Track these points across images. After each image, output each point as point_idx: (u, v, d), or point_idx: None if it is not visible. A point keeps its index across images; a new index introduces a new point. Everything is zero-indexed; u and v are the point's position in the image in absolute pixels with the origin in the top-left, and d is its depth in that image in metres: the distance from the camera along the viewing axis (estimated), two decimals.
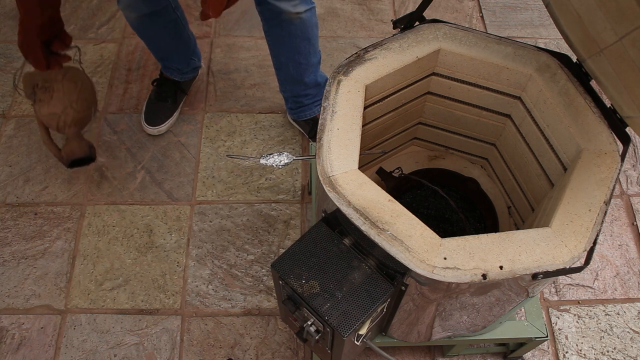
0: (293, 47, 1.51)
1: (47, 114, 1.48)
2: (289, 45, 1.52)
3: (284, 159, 1.23)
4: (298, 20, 1.44)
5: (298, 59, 1.56)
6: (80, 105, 1.51)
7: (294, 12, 1.41)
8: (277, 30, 1.48)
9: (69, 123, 1.50)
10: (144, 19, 1.55)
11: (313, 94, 1.69)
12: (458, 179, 1.40)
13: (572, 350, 1.46)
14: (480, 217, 1.38)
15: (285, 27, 1.46)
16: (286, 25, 1.45)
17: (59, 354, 1.44)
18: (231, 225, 1.65)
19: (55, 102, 1.48)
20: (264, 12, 1.45)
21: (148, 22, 1.57)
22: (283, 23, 1.44)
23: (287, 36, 1.49)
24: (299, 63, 1.57)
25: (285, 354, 1.45)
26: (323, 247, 1.01)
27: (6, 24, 2.10)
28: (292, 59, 1.56)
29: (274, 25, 1.47)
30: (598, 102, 1.04)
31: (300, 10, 1.42)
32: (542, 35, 2.13)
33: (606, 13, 0.85)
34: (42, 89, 1.47)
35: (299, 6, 1.41)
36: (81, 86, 1.53)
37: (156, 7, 1.54)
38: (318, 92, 1.70)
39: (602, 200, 0.93)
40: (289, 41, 1.50)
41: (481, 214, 1.38)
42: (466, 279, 0.86)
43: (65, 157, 1.53)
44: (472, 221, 1.37)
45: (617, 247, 1.63)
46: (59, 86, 1.47)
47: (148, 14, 1.53)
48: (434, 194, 1.40)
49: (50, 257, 1.59)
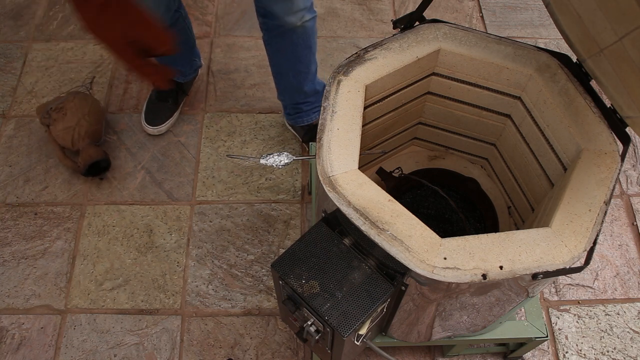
0: (295, 56, 1.50)
1: (62, 129, 1.66)
2: (291, 54, 1.50)
3: (284, 159, 1.23)
4: (301, 29, 1.42)
5: (299, 68, 1.54)
6: (92, 117, 1.71)
7: (299, 23, 1.40)
8: (279, 39, 1.46)
9: (82, 135, 1.68)
10: None
11: (312, 101, 1.69)
12: (458, 179, 1.40)
13: (572, 350, 1.46)
14: (480, 217, 1.38)
15: (288, 37, 1.44)
16: (289, 34, 1.43)
17: (59, 354, 1.44)
18: (231, 225, 1.65)
19: (69, 117, 1.66)
20: (267, 23, 1.43)
21: None
22: (286, 33, 1.42)
23: (289, 45, 1.47)
24: (299, 72, 1.56)
25: (285, 354, 1.45)
26: (323, 247, 1.01)
27: (6, 24, 2.10)
28: (293, 67, 1.54)
29: (275, 35, 1.45)
30: (598, 102, 1.04)
31: (305, 19, 1.40)
32: (542, 35, 2.13)
33: (606, 13, 0.85)
34: (55, 110, 1.68)
35: (304, 17, 1.39)
36: (92, 103, 1.73)
37: (172, 19, 1.53)
38: (317, 99, 1.69)
39: (602, 200, 0.93)
40: (291, 50, 1.48)
41: (481, 214, 1.38)
42: (466, 279, 0.86)
43: (82, 163, 1.65)
44: (472, 221, 1.37)
45: (617, 247, 1.63)
46: (71, 105, 1.68)
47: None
48: (434, 194, 1.40)
49: (50, 257, 1.59)
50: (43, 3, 2.16)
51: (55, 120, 1.67)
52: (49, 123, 1.69)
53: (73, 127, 1.66)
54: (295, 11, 1.37)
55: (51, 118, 1.68)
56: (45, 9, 2.14)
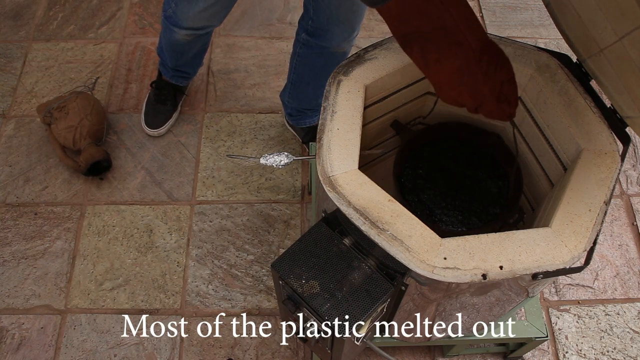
0: (324, 74, 1.46)
1: (65, 128, 1.67)
2: (320, 71, 1.48)
3: (284, 159, 1.23)
4: (341, 54, 1.41)
5: (322, 83, 1.54)
6: (94, 117, 1.71)
7: (347, 49, 1.37)
8: (315, 58, 1.44)
9: (84, 135, 1.68)
10: (194, 36, 1.51)
11: (317, 108, 1.68)
12: (480, 133, 1.29)
13: (572, 350, 1.46)
14: (502, 174, 1.27)
15: (326, 57, 1.42)
16: (329, 56, 1.41)
17: (59, 354, 1.44)
18: (231, 225, 1.65)
19: (71, 116, 1.67)
20: (310, 41, 1.40)
21: (196, 39, 1.54)
22: (326, 54, 1.40)
23: (323, 65, 1.45)
24: (321, 86, 1.54)
25: (285, 354, 1.45)
26: (323, 247, 1.01)
27: (6, 24, 2.10)
28: (316, 82, 1.54)
29: (313, 53, 1.43)
30: (598, 102, 1.04)
31: (352, 44, 1.38)
32: (542, 35, 2.13)
33: (606, 13, 0.85)
34: (57, 109, 1.69)
35: (353, 43, 1.37)
36: (94, 103, 1.74)
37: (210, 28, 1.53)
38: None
39: (602, 200, 0.93)
40: (321, 68, 1.47)
41: (504, 171, 1.27)
42: (466, 279, 0.86)
43: (83, 162, 1.65)
44: (494, 180, 1.27)
45: (617, 247, 1.63)
46: (74, 104, 1.69)
47: (203, 34, 1.51)
48: (453, 148, 1.29)
49: (50, 257, 1.59)
50: (43, 3, 2.16)
51: (57, 119, 1.67)
52: (51, 122, 1.69)
53: (75, 126, 1.67)
54: (351, 38, 1.35)
55: (53, 117, 1.68)
56: (45, 9, 2.14)
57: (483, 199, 1.21)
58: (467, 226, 1.17)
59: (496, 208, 1.20)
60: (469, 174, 1.28)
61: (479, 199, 1.21)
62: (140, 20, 2.12)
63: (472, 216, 1.19)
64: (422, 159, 1.27)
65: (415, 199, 1.21)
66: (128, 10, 2.15)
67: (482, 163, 1.28)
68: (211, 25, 1.49)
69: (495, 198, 1.21)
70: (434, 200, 1.21)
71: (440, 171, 1.26)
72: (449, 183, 1.23)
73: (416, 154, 1.28)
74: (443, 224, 1.18)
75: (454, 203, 1.20)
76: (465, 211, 1.19)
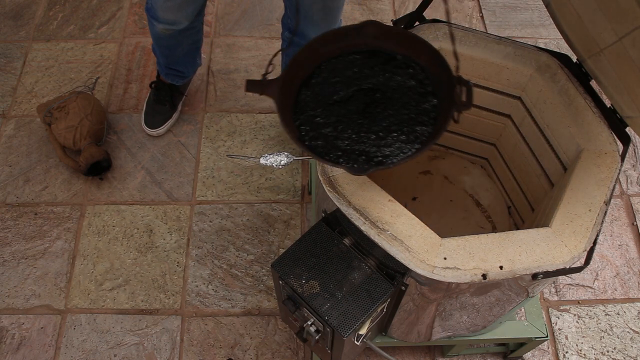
0: None
1: (64, 128, 1.67)
2: None
3: (283, 159, 1.23)
4: None
5: None
6: (94, 117, 1.72)
7: None
8: None
9: (84, 135, 1.68)
10: (172, 31, 1.51)
11: None
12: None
13: (572, 350, 1.46)
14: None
15: None
16: None
17: (59, 354, 1.44)
18: (231, 225, 1.65)
19: (71, 117, 1.67)
20: (294, 40, 1.40)
21: (178, 35, 1.54)
22: None
23: None
24: None
25: (285, 354, 1.45)
26: (323, 247, 1.01)
27: (6, 24, 2.10)
28: None
29: None
30: (598, 102, 1.04)
31: None
32: (542, 35, 2.13)
33: (606, 13, 0.85)
34: (58, 109, 1.69)
35: None
36: (94, 103, 1.74)
37: (197, 21, 1.52)
38: None
39: (602, 201, 0.93)
40: None
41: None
42: (466, 279, 0.86)
43: (83, 162, 1.65)
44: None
45: (617, 247, 1.63)
46: (74, 104, 1.69)
47: (182, 29, 1.50)
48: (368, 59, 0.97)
49: (50, 257, 1.59)
50: (43, 3, 2.16)
51: (57, 119, 1.68)
52: (51, 122, 1.69)
53: (75, 126, 1.67)
54: None
55: (53, 117, 1.68)
56: (45, 9, 2.14)
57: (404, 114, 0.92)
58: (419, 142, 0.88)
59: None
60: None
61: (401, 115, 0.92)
62: (140, 20, 2.12)
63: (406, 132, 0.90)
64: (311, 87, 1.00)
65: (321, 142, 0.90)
66: (128, 10, 2.15)
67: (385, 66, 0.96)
68: (179, 21, 1.48)
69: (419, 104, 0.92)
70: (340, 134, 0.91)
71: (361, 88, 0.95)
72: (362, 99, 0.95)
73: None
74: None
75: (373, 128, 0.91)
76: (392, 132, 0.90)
